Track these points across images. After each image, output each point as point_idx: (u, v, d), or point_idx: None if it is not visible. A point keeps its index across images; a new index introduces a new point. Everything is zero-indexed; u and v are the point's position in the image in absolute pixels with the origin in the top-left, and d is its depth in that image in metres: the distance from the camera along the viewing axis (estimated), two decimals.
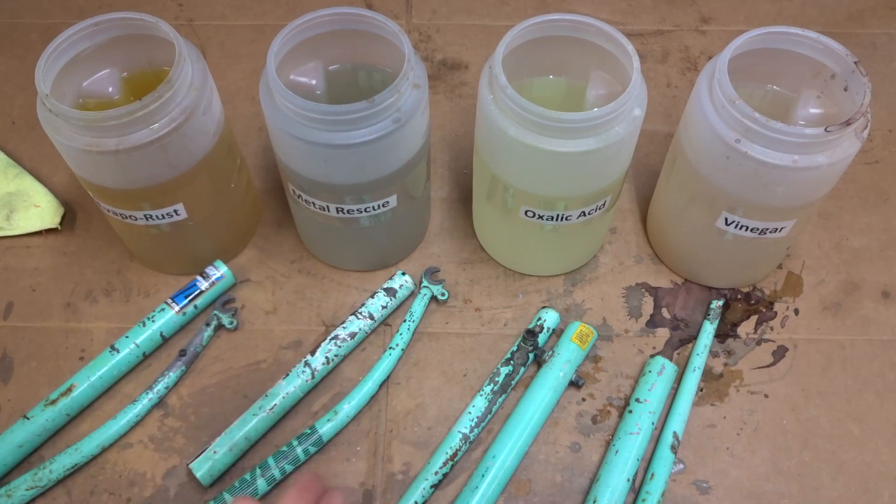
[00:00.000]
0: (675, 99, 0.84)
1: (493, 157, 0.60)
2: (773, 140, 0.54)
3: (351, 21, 0.59)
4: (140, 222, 0.63)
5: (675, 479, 0.62)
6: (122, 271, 0.72)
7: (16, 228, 0.73)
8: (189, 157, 0.59)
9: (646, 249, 0.74)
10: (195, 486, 0.61)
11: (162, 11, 0.91)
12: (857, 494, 0.62)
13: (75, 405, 0.63)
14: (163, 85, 0.54)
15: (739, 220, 0.61)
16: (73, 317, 0.69)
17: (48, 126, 0.56)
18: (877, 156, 0.80)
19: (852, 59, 0.57)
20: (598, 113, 0.53)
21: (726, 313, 0.70)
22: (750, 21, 0.91)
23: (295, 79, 0.61)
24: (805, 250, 0.74)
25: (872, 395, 0.66)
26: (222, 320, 0.68)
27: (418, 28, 0.90)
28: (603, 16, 0.91)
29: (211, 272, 0.68)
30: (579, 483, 0.62)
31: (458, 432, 0.62)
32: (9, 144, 0.80)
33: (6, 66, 0.86)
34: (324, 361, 0.65)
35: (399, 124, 0.56)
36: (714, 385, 0.66)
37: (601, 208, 0.63)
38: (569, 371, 0.64)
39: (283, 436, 0.63)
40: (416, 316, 0.68)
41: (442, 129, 0.82)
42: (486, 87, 0.57)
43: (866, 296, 0.71)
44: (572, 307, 0.70)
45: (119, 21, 0.59)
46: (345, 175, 0.58)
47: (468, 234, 0.74)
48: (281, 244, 0.74)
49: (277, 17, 0.91)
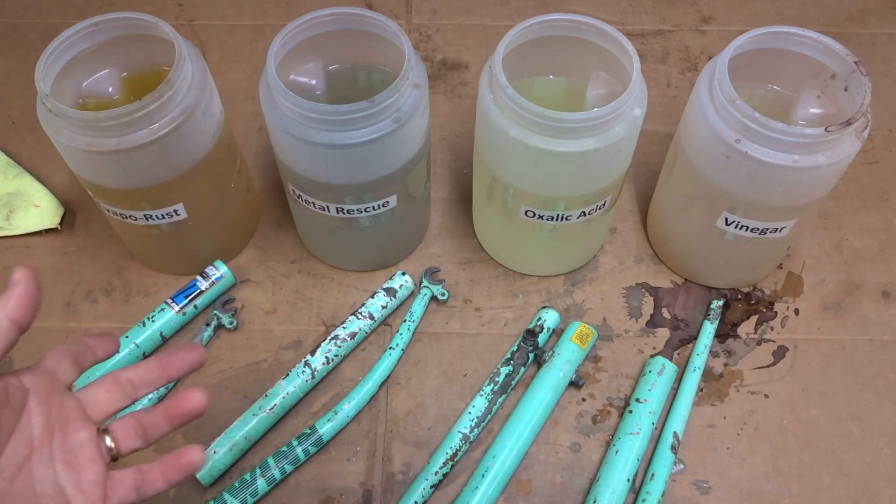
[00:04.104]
0: (675, 99, 0.84)
1: (493, 157, 0.60)
2: (773, 140, 0.54)
3: (351, 21, 0.59)
4: (140, 222, 0.63)
5: (675, 479, 0.62)
6: (122, 271, 0.72)
7: (16, 228, 0.73)
8: (189, 157, 0.59)
9: (646, 249, 0.74)
10: (195, 486, 0.61)
11: (162, 11, 0.91)
12: (857, 494, 0.62)
13: None
14: (163, 85, 0.54)
15: (739, 220, 0.61)
16: (73, 317, 0.69)
17: (48, 126, 0.56)
18: (877, 156, 0.80)
19: (852, 59, 0.57)
20: (598, 113, 0.53)
21: (726, 313, 0.70)
22: (750, 21, 0.91)
23: (295, 79, 0.61)
24: (805, 250, 0.74)
25: (872, 395, 0.66)
26: (222, 320, 0.68)
27: (418, 28, 0.90)
28: (603, 16, 0.91)
29: (211, 272, 0.68)
30: (579, 483, 0.62)
31: (458, 432, 0.62)
32: (9, 144, 0.80)
33: (6, 66, 0.86)
34: (324, 361, 0.65)
35: (399, 124, 0.56)
36: (714, 385, 0.66)
37: (601, 208, 0.63)
38: (569, 371, 0.64)
39: (283, 436, 0.63)
40: (416, 316, 0.68)
41: (442, 129, 0.82)
42: (486, 87, 0.57)
43: (866, 296, 0.71)
44: (572, 307, 0.70)
45: (119, 21, 0.59)
46: (345, 175, 0.58)
47: (468, 234, 0.74)
48: (281, 244, 0.74)
49: (277, 17, 0.91)
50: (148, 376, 0.41)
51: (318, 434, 0.62)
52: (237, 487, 0.59)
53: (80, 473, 0.38)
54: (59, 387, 0.39)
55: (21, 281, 0.37)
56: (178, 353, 0.42)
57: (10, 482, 0.36)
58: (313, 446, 0.61)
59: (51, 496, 0.37)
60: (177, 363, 0.42)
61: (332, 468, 0.62)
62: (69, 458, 0.38)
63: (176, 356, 0.42)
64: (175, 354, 0.42)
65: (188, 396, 0.40)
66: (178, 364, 0.42)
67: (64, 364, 0.40)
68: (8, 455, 0.36)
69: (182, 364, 0.42)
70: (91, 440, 0.38)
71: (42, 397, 0.38)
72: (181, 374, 0.42)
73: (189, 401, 0.40)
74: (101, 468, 0.38)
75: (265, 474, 0.60)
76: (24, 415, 0.37)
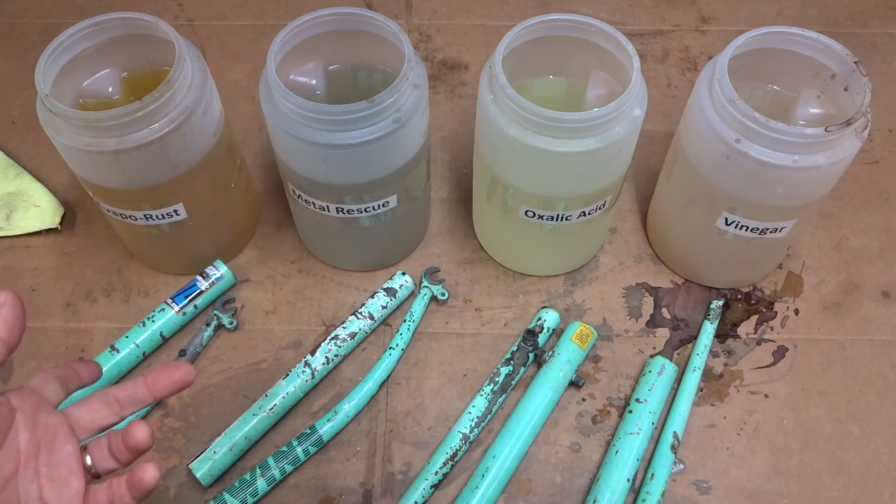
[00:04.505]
0: (675, 99, 0.84)
1: (493, 157, 0.60)
2: (773, 140, 0.54)
3: (351, 21, 0.59)
4: (140, 222, 0.63)
5: (675, 479, 0.62)
6: (122, 271, 0.72)
7: (16, 228, 0.73)
8: (189, 157, 0.59)
9: (646, 249, 0.74)
10: (195, 486, 0.61)
11: (162, 11, 0.91)
12: (857, 494, 0.62)
13: None
14: (163, 85, 0.54)
15: (739, 220, 0.61)
16: (73, 317, 0.69)
17: (48, 126, 0.56)
18: (877, 156, 0.80)
19: (852, 59, 0.57)
20: (598, 113, 0.53)
21: (726, 313, 0.70)
22: (750, 21, 0.91)
23: (295, 79, 0.61)
24: (805, 250, 0.74)
25: (872, 395, 0.66)
26: (222, 320, 0.68)
27: (418, 28, 0.90)
28: (603, 16, 0.91)
29: (211, 272, 0.68)
30: (579, 483, 0.62)
31: (458, 432, 0.62)
32: (9, 144, 0.80)
33: (6, 66, 0.86)
34: (324, 361, 0.65)
35: (399, 124, 0.56)
36: (714, 385, 0.66)
37: (601, 208, 0.63)
38: (569, 371, 0.64)
39: (283, 436, 0.63)
40: (416, 316, 0.68)
41: (442, 129, 0.82)
42: (486, 87, 0.57)
43: (866, 296, 0.71)
44: (572, 307, 0.70)
45: (119, 21, 0.59)
46: (345, 175, 0.58)
47: (468, 234, 0.74)
48: (281, 244, 0.74)
49: (277, 17, 0.91)
50: (135, 395, 0.42)
51: (318, 434, 0.62)
52: (237, 487, 0.59)
53: (61, 488, 0.39)
54: (46, 405, 0.40)
55: (6, 302, 0.39)
56: (164, 372, 0.43)
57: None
58: (313, 446, 0.61)
59: None
60: (162, 382, 0.43)
61: (332, 468, 0.62)
62: (52, 473, 0.39)
63: (162, 375, 0.43)
64: (161, 373, 0.43)
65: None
66: (163, 383, 0.43)
67: (51, 384, 0.41)
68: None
69: (167, 383, 0.43)
70: (74, 455, 0.40)
71: (28, 415, 0.39)
72: (168, 393, 0.43)
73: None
74: (81, 482, 0.40)
75: (265, 474, 0.60)
76: (10, 432, 0.38)
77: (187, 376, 0.43)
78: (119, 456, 0.41)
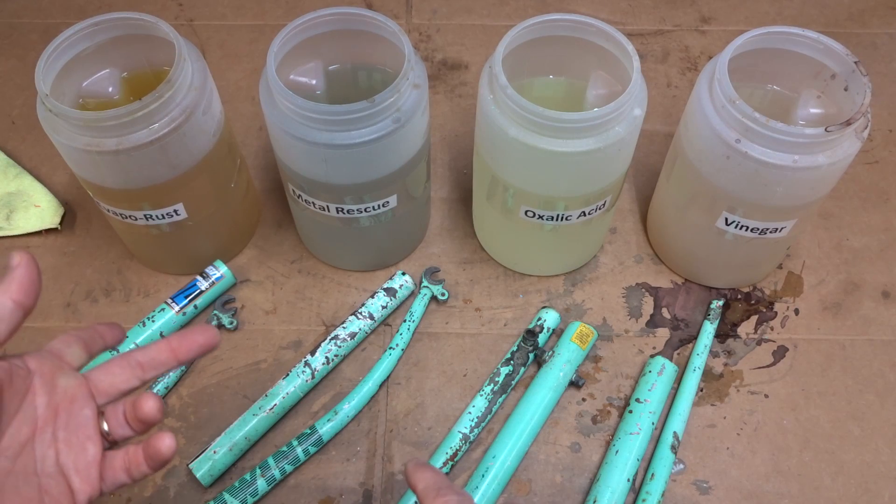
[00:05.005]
0: (675, 99, 0.84)
1: (493, 157, 0.60)
2: (773, 140, 0.54)
3: (351, 21, 0.59)
4: (140, 222, 0.63)
5: (675, 479, 0.62)
6: (122, 271, 0.72)
7: (16, 228, 0.73)
8: (189, 157, 0.59)
9: (646, 249, 0.74)
10: (195, 486, 0.61)
11: (162, 11, 0.91)
12: (857, 494, 0.62)
13: None
14: (163, 85, 0.54)
15: (739, 220, 0.61)
16: (73, 317, 0.69)
17: (48, 126, 0.56)
18: (877, 156, 0.80)
19: (852, 59, 0.57)
20: (598, 113, 0.53)
21: (726, 313, 0.70)
22: (750, 21, 0.91)
23: (295, 79, 0.61)
24: (805, 250, 0.74)
25: (872, 395, 0.66)
26: (222, 320, 0.68)
27: (418, 28, 0.90)
28: (603, 16, 0.91)
29: (211, 272, 0.68)
30: (579, 483, 0.62)
31: (458, 432, 0.62)
32: (9, 144, 0.80)
33: (6, 66, 0.86)
34: (324, 361, 0.65)
35: (399, 124, 0.56)
36: (714, 385, 0.66)
37: (601, 208, 0.63)
38: (569, 371, 0.64)
39: (283, 436, 0.63)
40: (416, 316, 0.68)
41: (442, 129, 0.82)
42: (486, 87, 0.57)
43: (866, 296, 0.71)
44: (572, 307, 0.70)
45: (119, 21, 0.59)
46: (345, 175, 0.58)
47: (468, 234, 0.74)
48: (281, 244, 0.74)
49: (277, 17, 0.91)
50: (158, 358, 0.41)
51: (318, 434, 0.62)
52: (237, 487, 0.59)
53: (78, 453, 0.38)
54: (65, 368, 0.39)
55: (21, 264, 0.38)
56: (189, 335, 0.41)
57: (12, 461, 0.36)
58: (313, 446, 0.61)
59: (51, 475, 0.37)
60: (187, 346, 0.41)
61: (332, 468, 0.62)
62: (70, 438, 0.38)
63: (187, 338, 0.41)
64: (186, 336, 0.41)
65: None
66: (188, 346, 0.41)
67: (73, 347, 0.40)
68: (12, 434, 0.37)
69: (192, 346, 0.41)
70: (92, 420, 0.39)
71: (47, 379, 0.38)
72: (192, 356, 0.41)
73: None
74: (98, 448, 0.39)
75: (265, 474, 0.60)
76: (28, 396, 0.37)
77: (213, 339, 0.42)
78: (133, 424, 0.40)
